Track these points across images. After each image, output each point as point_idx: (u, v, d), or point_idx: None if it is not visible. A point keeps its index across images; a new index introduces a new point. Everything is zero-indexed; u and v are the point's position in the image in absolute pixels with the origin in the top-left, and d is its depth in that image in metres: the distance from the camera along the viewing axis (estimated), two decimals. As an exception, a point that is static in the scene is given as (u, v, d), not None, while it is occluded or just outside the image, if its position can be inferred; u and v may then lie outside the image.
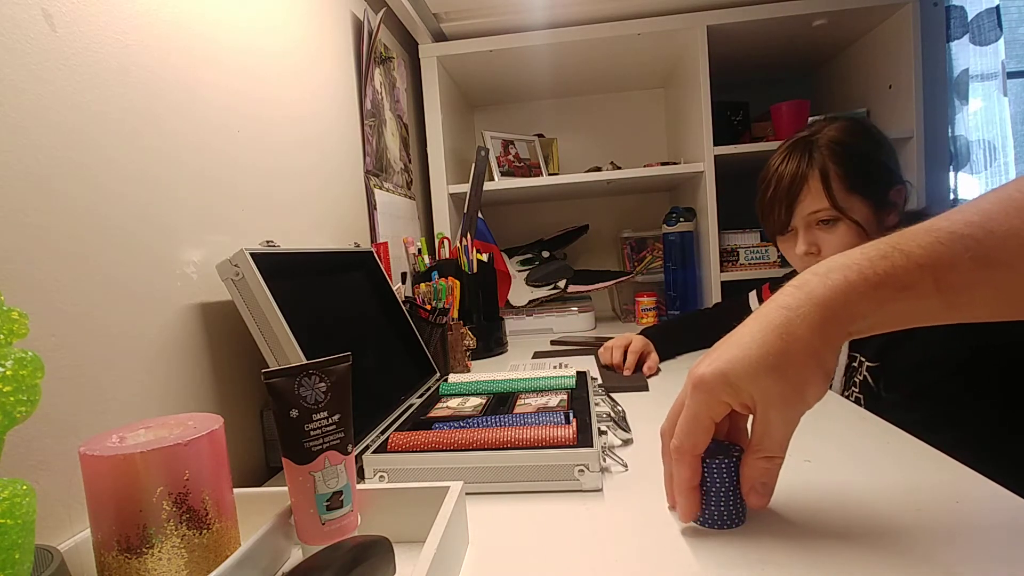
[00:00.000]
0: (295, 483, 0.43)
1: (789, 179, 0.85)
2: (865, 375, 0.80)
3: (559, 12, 1.40)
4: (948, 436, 0.68)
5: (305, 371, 0.43)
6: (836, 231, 0.83)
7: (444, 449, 0.58)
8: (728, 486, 0.46)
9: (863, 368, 0.81)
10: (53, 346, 0.44)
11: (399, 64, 1.41)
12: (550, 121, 1.89)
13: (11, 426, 0.30)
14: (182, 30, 0.63)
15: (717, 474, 0.46)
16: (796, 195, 0.85)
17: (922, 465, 0.56)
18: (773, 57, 1.65)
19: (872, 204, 0.81)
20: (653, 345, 1.04)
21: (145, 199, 0.55)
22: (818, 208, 0.83)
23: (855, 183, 0.81)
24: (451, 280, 1.08)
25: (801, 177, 0.84)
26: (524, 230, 1.89)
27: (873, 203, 0.82)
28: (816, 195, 0.83)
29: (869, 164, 0.82)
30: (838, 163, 0.82)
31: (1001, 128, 1.62)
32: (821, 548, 0.43)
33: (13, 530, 0.29)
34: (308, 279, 0.72)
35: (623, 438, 0.68)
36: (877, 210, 0.82)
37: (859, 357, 0.85)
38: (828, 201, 0.81)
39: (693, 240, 1.52)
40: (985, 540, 0.42)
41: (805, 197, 0.84)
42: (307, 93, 0.93)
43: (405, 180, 1.41)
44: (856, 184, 0.81)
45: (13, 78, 0.43)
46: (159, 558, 0.37)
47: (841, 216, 0.81)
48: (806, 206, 0.84)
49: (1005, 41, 1.57)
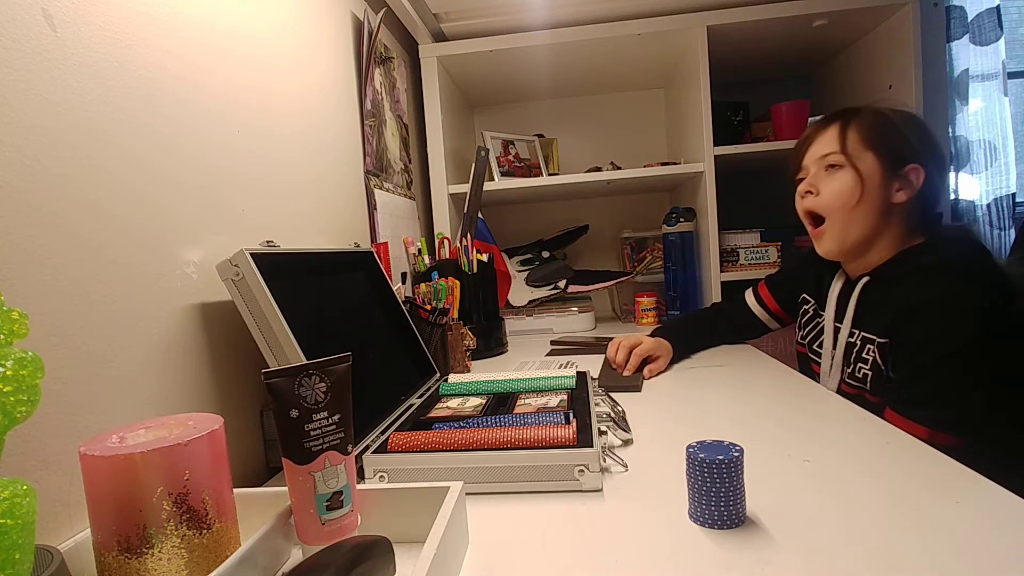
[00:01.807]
0: (295, 483, 0.43)
1: (817, 124, 0.91)
2: (875, 353, 0.81)
3: (559, 12, 1.40)
4: (938, 415, 0.71)
5: (305, 371, 0.43)
6: (837, 176, 0.85)
7: (444, 449, 0.58)
8: (728, 486, 0.46)
9: (874, 345, 0.81)
10: (53, 346, 0.44)
11: (399, 64, 1.41)
12: (550, 121, 1.89)
13: (11, 426, 0.30)
14: (181, 34, 0.63)
15: (717, 474, 0.46)
16: (814, 138, 0.89)
17: (922, 465, 0.56)
18: (773, 57, 1.65)
19: (883, 167, 0.83)
20: (671, 346, 1.05)
21: (145, 201, 0.55)
22: (828, 151, 0.86)
23: (872, 140, 0.84)
24: (451, 280, 1.08)
25: (826, 122, 0.89)
26: (524, 230, 1.89)
27: (885, 166, 0.83)
28: (830, 139, 0.87)
29: (894, 132, 0.85)
30: (863, 120, 0.85)
31: (1001, 128, 1.62)
32: (821, 548, 0.43)
33: (13, 530, 0.29)
34: (308, 279, 0.72)
35: (623, 438, 0.68)
36: (886, 175, 0.83)
37: (860, 333, 0.85)
38: (838, 145, 0.85)
39: (693, 240, 1.52)
40: (985, 540, 0.42)
41: (820, 140, 0.88)
42: (307, 93, 0.93)
43: (405, 180, 1.40)
44: (873, 141, 0.84)
45: (13, 77, 0.43)
46: (159, 558, 0.37)
47: (846, 163, 0.84)
48: (818, 148, 0.88)
49: (1005, 41, 1.57)
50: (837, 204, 0.85)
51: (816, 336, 0.97)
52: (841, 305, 0.90)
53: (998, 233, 1.71)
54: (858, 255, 0.88)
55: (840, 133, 0.85)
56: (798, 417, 0.72)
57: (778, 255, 1.49)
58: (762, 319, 1.15)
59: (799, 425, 0.70)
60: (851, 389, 0.86)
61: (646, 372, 0.99)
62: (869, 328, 0.84)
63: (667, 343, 1.06)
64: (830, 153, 0.86)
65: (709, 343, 1.18)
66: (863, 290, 0.86)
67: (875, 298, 0.85)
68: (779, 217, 1.79)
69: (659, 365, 1.01)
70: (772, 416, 0.74)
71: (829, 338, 0.91)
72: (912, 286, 0.79)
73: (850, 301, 0.87)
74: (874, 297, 0.85)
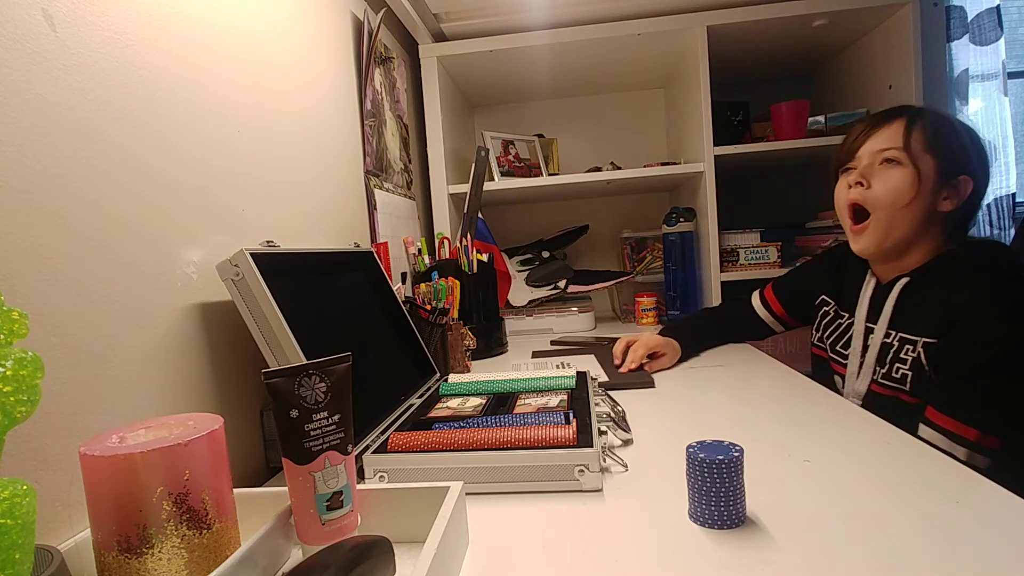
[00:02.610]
0: (295, 483, 0.43)
1: (878, 116, 0.88)
2: (919, 353, 0.80)
3: (559, 12, 1.40)
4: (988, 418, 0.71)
5: (305, 371, 0.43)
6: (894, 172, 0.83)
7: (444, 449, 0.58)
8: (728, 486, 0.46)
9: (916, 346, 0.80)
10: (53, 346, 0.44)
11: (399, 64, 1.41)
12: (550, 121, 1.89)
13: (11, 426, 0.30)
14: (181, 34, 0.63)
15: (717, 474, 0.46)
16: (876, 128, 0.86)
17: (922, 465, 0.56)
18: (773, 57, 1.65)
19: (939, 171, 0.82)
20: (679, 345, 1.06)
21: (145, 201, 0.55)
22: (889, 146, 0.84)
23: (935, 143, 0.82)
24: (451, 280, 1.08)
25: (889, 116, 0.86)
26: (524, 230, 1.89)
27: (940, 171, 0.82)
28: (893, 134, 0.84)
29: (955, 139, 0.83)
30: (928, 121, 0.84)
31: (1002, 128, 1.62)
32: (821, 548, 0.43)
33: (13, 530, 0.29)
34: (308, 279, 0.72)
35: (623, 438, 0.68)
36: (940, 179, 0.82)
37: (898, 334, 0.83)
38: (902, 141, 0.83)
39: (693, 240, 1.52)
40: (985, 540, 0.42)
41: (882, 133, 0.85)
42: (307, 93, 0.93)
43: (405, 180, 1.40)
44: (935, 144, 0.82)
45: (13, 78, 0.43)
46: (159, 558, 0.37)
47: (906, 161, 0.82)
48: (878, 141, 0.85)
49: (1005, 41, 1.57)
50: (888, 200, 0.83)
51: (839, 337, 0.95)
52: (874, 307, 0.89)
53: (998, 233, 1.71)
54: (892, 257, 0.87)
55: (905, 130, 0.83)
56: (798, 417, 0.72)
57: (778, 255, 1.49)
58: (767, 322, 1.15)
59: (799, 425, 0.70)
60: (884, 390, 0.84)
61: (646, 367, 0.98)
62: (910, 329, 0.82)
63: (675, 342, 1.06)
64: (891, 148, 0.83)
65: (716, 343, 1.19)
66: (902, 292, 0.85)
67: (915, 300, 0.83)
68: (779, 217, 1.80)
69: (663, 362, 1.01)
70: (772, 416, 0.74)
71: (859, 339, 0.90)
72: (959, 288, 0.78)
73: (886, 303, 0.86)
74: (914, 299, 0.84)
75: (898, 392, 0.82)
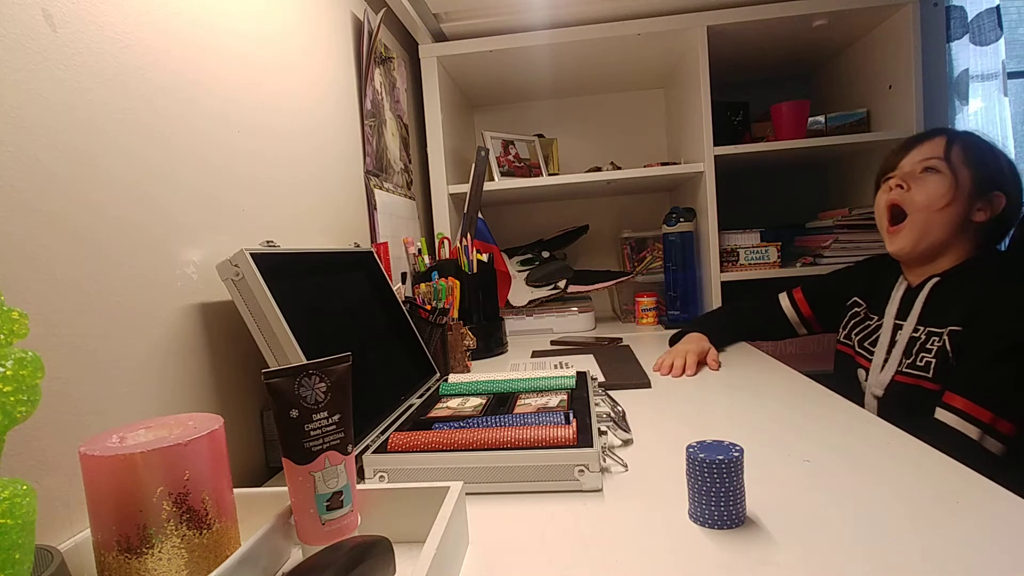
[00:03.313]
0: (295, 483, 0.43)
1: (920, 134, 0.96)
2: (944, 342, 0.84)
3: (559, 12, 1.40)
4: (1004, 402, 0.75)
5: (305, 371, 0.43)
6: (933, 178, 0.89)
7: (444, 449, 0.58)
8: (728, 486, 0.46)
9: (942, 335, 0.85)
10: (53, 346, 0.44)
11: (399, 64, 1.41)
12: (550, 121, 1.89)
13: (11, 426, 0.30)
14: (181, 34, 0.63)
15: (717, 474, 0.46)
16: (918, 142, 0.94)
17: (922, 465, 0.56)
18: (773, 57, 1.65)
19: (974, 182, 0.88)
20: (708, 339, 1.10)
21: (145, 201, 0.55)
22: (930, 156, 0.91)
23: (973, 158, 0.89)
24: (451, 280, 1.08)
25: (931, 133, 0.94)
26: (524, 230, 1.89)
27: (976, 183, 0.88)
28: (935, 147, 0.91)
29: (992, 157, 0.91)
30: (967, 140, 0.91)
31: (1001, 128, 1.62)
32: (821, 548, 0.43)
33: (13, 530, 0.29)
34: (308, 279, 0.72)
35: (623, 438, 0.68)
36: (975, 190, 0.88)
37: (926, 328, 0.88)
38: (943, 151, 0.90)
39: (693, 240, 1.52)
40: (985, 540, 0.42)
41: (924, 145, 0.93)
42: (307, 93, 0.93)
43: (405, 180, 1.41)
44: (973, 159, 0.89)
45: (13, 78, 0.43)
46: (159, 558, 0.37)
47: (945, 170, 0.88)
48: (922, 151, 0.92)
49: (1005, 41, 1.56)
50: (925, 202, 0.89)
51: (868, 335, 1.00)
52: (904, 306, 0.94)
53: (998, 233, 1.71)
54: (925, 260, 0.92)
55: (947, 144, 0.90)
56: (798, 417, 0.72)
57: (778, 255, 1.49)
58: (792, 323, 1.17)
59: (799, 425, 0.70)
60: (907, 379, 0.88)
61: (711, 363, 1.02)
62: (937, 322, 0.87)
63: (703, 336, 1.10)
64: (933, 158, 0.90)
65: (744, 337, 1.22)
66: (932, 290, 0.90)
67: (944, 297, 0.89)
68: (779, 217, 1.80)
69: (714, 354, 1.05)
70: (772, 416, 0.74)
71: (887, 334, 0.95)
72: (986, 281, 0.84)
73: (916, 301, 0.91)
74: (943, 297, 0.89)
75: (921, 380, 0.86)
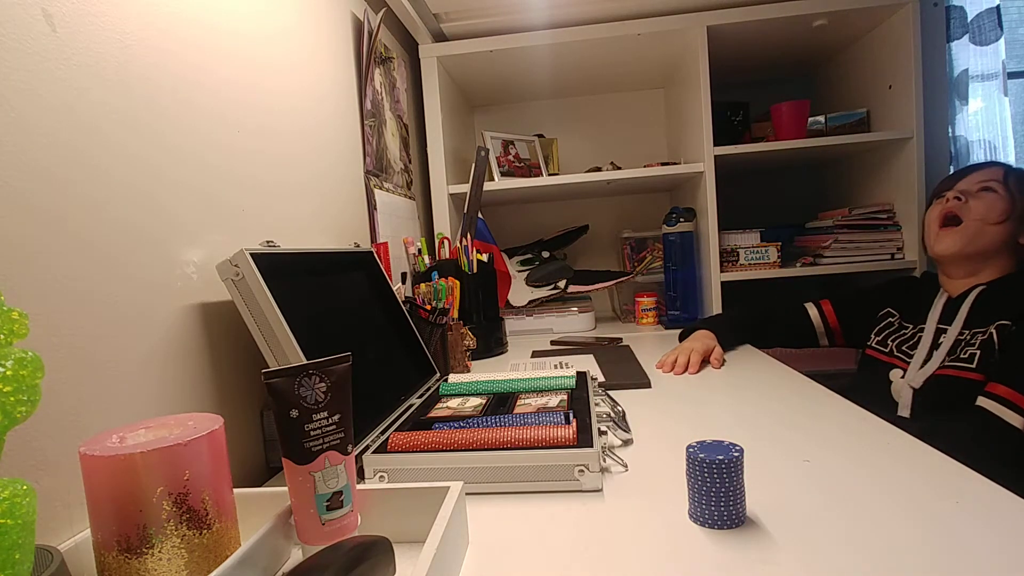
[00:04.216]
0: (295, 483, 0.43)
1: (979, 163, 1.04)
2: (992, 333, 0.89)
3: (559, 12, 1.40)
4: None
5: (305, 371, 0.43)
6: (991, 196, 0.97)
7: (444, 449, 0.58)
8: (728, 486, 0.46)
9: (988, 331, 0.90)
10: (53, 346, 0.44)
11: (399, 64, 1.41)
12: (550, 121, 1.89)
13: (11, 426, 0.30)
14: (181, 34, 0.63)
15: (717, 474, 0.46)
16: (977, 168, 1.02)
17: (922, 465, 0.56)
18: (773, 57, 1.65)
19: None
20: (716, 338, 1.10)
21: (145, 201, 0.55)
22: (989, 178, 0.99)
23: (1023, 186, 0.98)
24: (451, 280, 1.08)
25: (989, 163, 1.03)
26: (524, 230, 1.89)
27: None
28: (994, 172, 0.99)
29: None
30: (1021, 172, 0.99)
31: (1001, 128, 1.62)
32: (821, 548, 0.43)
33: (13, 530, 0.29)
34: (308, 279, 0.72)
35: (623, 438, 0.68)
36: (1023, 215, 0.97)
37: (971, 331, 0.92)
38: (1002, 176, 0.98)
39: (693, 240, 1.52)
40: (985, 540, 0.42)
41: (984, 170, 1.01)
42: (307, 93, 0.93)
43: (405, 180, 1.40)
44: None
45: (13, 78, 0.43)
46: (159, 558, 0.37)
47: (1003, 191, 0.96)
48: (981, 175, 1.00)
49: (1005, 41, 1.56)
50: (981, 213, 0.96)
51: (905, 340, 1.04)
52: (947, 313, 1.00)
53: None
54: (966, 268, 0.99)
55: (1005, 172, 0.98)
56: (798, 417, 0.72)
57: (778, 255, 1.49)
58: (817, 331, 1.19)
59: (799, 425, 0.70)
60: (950, 371, 0.92)
61: (713, 361, 1.03)
62: (983, 323, 0.92)
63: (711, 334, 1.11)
64: (992, 180, 0.98)
65: (755, 340, 1.21)
66: (978, 297, 0.96)
67: (990, 303, 0.94)
68: (779, 217, 1.80)
69: (718, 352, 1.05)
70: (772, 416, 0.74)
71: (929, 337, 0.99)
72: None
73: (961, 307, 0.97)
74: (989, 303, 0.94)
75: (963, 371, 0.89)
